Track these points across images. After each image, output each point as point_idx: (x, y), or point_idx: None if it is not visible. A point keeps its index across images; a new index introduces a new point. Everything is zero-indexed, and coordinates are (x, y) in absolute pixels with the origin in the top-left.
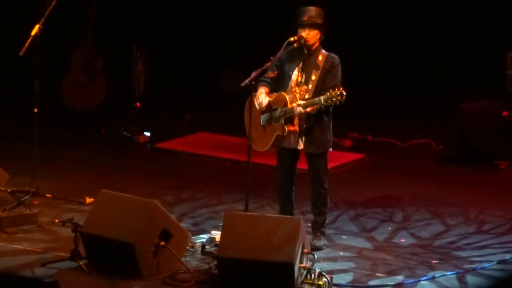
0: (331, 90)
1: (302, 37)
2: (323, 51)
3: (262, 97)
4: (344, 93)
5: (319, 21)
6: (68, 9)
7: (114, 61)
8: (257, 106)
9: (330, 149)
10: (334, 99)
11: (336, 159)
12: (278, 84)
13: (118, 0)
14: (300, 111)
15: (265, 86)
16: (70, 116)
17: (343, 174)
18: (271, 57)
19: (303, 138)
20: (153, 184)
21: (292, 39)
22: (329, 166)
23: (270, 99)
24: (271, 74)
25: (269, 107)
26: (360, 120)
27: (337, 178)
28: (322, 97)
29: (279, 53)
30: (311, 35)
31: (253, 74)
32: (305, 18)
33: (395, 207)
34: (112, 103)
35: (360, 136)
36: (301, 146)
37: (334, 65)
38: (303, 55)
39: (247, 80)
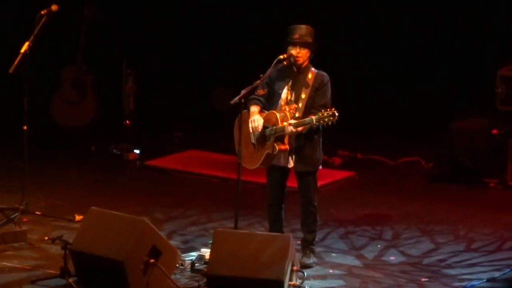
0: (323, 110)
1: (291, 55)
2: (313, 69)
3: (258, 121)
4: (337, 114)
5: (309, 39)
6: (59, 25)
7: (104, 78)
8: (250, 129)
9: (320, 167)
10: (326, 119)
11: (325, 176)
12: (268, 102)
13: (109, 16)
14: (292, 130)
15: (257, 104)
16: (60, 134)
17: (332, 192)
18: (261, 75)
19: (293, 157)
20: (143, 201)
21: (281, 57)
22: (319, 184)
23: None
24: (261, 91)
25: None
26: (350, 138)
27: (326, 196)
28: (314, 117)
29: (268, 71)
30: (301, 54)
31: (243, 92)
32: (296, 36)
33: (385, 225)
34: (102, 120)
35: (350, 154)
36: (291, 164)
37: (324, 83)
38: (293, 73)
39: (236, 98)
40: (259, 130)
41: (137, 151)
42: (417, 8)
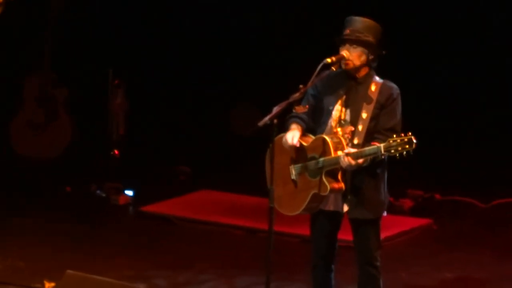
0: (395, 136)
1: (343, 57)
2: (377, 78)
3: (293, 134)
4: (415, 141)
5: (366, 37)
6: (19, 21)
7: (82, 91)
8: (287, 145)
9: (385, 213)
10: (400, 148)
11: (391, 226)
12: (314, 123)
13: (87, 8)
14: (350, 163)
15: (298, 123)
16: (23, 168)
17: (401, 247)
18: (300, 86)
19: (348, 198)
20: (138, 262)
21: (329, 60)
22: (382, 235)
23: (304, 142)
24: (300, 109)
25: (304, 155)
26: (424, 172)
27: (393, 252)
28: (382, 145)
29: (311, 80)
30: (351, 56)
31: (276, 110)
32: (347, 31)
33: None
34: (80, 150)
35: (425, 194)
36: (344, 208)
37: (392, 98)
38: (348, 84)
39: (267, 118)
40: (295, 143)
41: (129, 193)
42: None
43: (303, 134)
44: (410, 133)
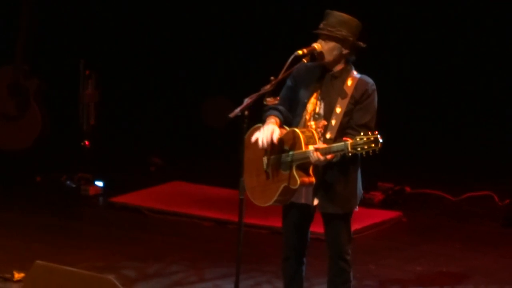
0: (362, 134)
1: (314, 49)
2: (355, 73)
3: (273, 128)
4: (381, 140)
5: (339, 32)
6: None
7: (53, 82)
8: (260, 142)
9: (356, 208)
10: (366, 147)
11: (361, 218)
12: (292, 115)
13: (60, 0)
14: (318, 158)
15: (276, 116)
16: None
17: (371, 240)
18: (271, 78)
19: (319, 192)
20: (108, 253)
21: (300, 52)
22: (353, 228)
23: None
24: (271, 100)
25: (277, 147)
26: (395, 165)
27: (363, 245)
28: (349, 143)
29: (282, 72)
30: (325, 50)
31: (247, 101)
32: (321, 25)
33: (444, 285)
34: (50, 140)
35: (395, 187)
36: (315, 202)
37: (367, 93)
38: (324, 77)
39: (238, 109)
40: (275, 139)
41: (99, 184)
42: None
43: (280, 126)
44: (376, 132)
